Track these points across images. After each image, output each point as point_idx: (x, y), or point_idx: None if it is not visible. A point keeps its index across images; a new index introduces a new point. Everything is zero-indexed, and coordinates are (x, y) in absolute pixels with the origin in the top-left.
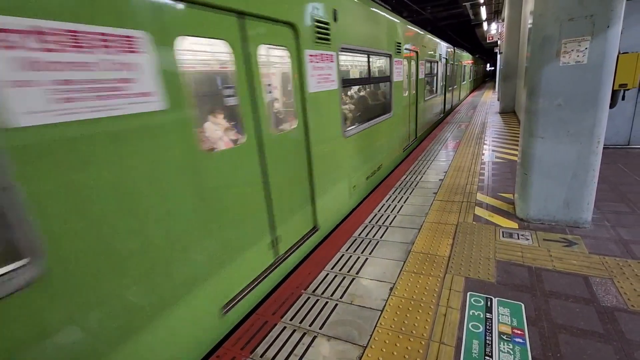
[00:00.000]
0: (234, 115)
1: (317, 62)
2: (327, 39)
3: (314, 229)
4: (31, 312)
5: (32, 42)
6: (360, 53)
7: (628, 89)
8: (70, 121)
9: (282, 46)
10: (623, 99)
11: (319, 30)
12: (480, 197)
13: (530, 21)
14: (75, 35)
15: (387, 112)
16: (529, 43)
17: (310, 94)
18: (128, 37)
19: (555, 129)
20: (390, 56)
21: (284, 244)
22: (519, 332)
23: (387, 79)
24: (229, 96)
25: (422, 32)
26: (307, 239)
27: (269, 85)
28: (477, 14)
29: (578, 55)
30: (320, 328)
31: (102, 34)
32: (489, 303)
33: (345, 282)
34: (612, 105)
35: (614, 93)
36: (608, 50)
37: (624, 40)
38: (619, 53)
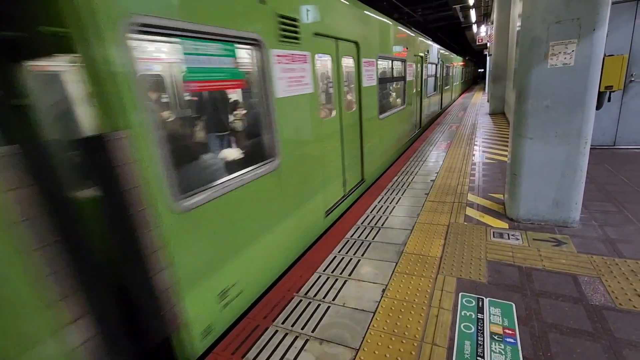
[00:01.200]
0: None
1: (427, 69)
2: (426, 59)
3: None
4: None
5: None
6: (433, 64)
7: (614, 91)
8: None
9: (419, 64)
10: (609, 100)
11: (422, 57)
12: (471, 197)
13: (518, 24)
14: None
15: (436, 90)
16: (518, 45)
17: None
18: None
19: (544, 130)
20: (440, 65)
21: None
22: (510, 332)
23: (434, 75)
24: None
25: (446, 51)
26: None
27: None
28: (467, 16)
29: (565, 58)
30: (313, 331)
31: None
32: (480, 303)
33: (338, 284)
34: (598, 107)
35: (600, 95)
36: (594, 53)
37: (610, 43)
38: (605, 55)
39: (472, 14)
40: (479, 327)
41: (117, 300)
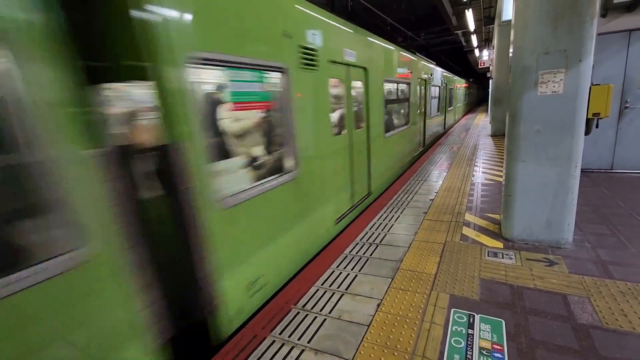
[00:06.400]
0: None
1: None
2: (430, 82)
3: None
4: None
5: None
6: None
7: (601, 118)
8: None
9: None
10: (597, 127)
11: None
12: (468, 217)
13: (511, 51)
14: None
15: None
16: (510, 72)
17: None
18: None
19: (536, 153)
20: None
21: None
22: (498, 347)
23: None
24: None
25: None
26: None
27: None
28: (469, 41)
29: (554, 86)
30: (308, 342)
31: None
32: (471, 319)
33: (335, 298)
34: (587, 133)
35: (588, 121)
36: (581, 82)
37: (605, 70)
38: (592, 84)
39: (474, 39)
40: (469, 342)
41: (172, 280)
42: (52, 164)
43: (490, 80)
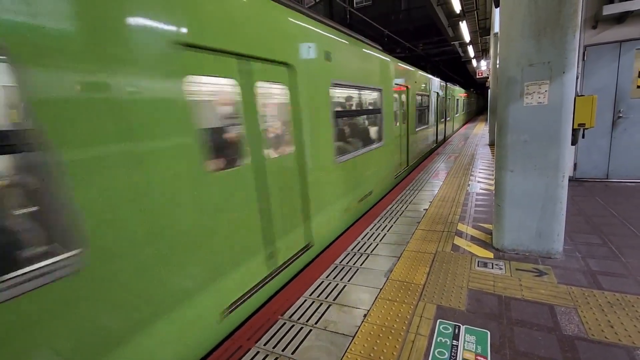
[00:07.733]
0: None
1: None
2: (414, 90)
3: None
4: None
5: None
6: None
7: (587, 128)
8: None
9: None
10: (583, 137)
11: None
12: (460, 227)
13: (498, 63)
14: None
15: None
16: (497, 83)
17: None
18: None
19: (523, 163)
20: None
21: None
22: (481, 358)
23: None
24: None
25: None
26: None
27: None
28: (466, 51)
29: (539, 97)
30: (292, 353)
31: None
32: (456, 330)
33: (322, 308)
34: (573, 143)
35: (574, 131)
36: (565, 93)
37: (594, 82)
38: (577, 95)
39: (470, 50)
40: (453, 353)
41: None
42: None
43: (489, 90)
